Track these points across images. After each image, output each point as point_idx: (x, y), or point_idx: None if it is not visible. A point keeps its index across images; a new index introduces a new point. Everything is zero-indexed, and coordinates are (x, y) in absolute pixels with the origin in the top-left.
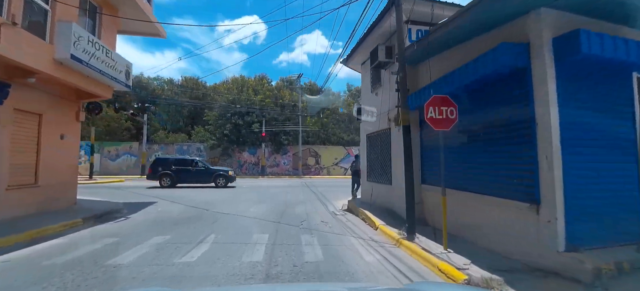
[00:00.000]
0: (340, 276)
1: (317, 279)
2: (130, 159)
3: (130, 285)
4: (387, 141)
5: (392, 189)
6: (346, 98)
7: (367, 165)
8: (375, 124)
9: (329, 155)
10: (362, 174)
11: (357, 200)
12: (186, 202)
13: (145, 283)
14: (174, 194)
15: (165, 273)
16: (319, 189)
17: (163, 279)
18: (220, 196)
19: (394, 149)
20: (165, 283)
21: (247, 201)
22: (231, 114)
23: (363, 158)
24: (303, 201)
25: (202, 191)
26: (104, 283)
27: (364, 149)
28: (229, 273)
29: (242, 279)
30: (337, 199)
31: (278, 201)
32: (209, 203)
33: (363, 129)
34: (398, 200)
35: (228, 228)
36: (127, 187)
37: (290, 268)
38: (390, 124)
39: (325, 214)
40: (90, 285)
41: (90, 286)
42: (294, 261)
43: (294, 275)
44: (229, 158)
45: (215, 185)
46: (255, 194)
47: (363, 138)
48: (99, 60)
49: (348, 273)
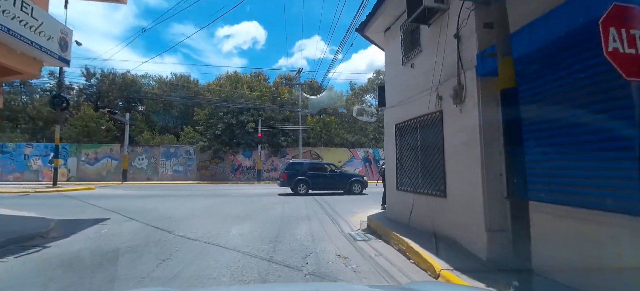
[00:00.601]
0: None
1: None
2: (110, 163)
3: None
4: (437, 131)
5: (447, 205)
6: (349, 97)
7: (397, 168)
8: (411, 108)
9: (332, 158)
10: (387, 180)
11: (379, 216)
12: (148, 217)
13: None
14: (142, 206)
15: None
16: (324, 199)
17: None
18: (198, 207)
19: (452, 142)
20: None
21: (231, 215)
22: (224, 112)
23: (389, 158)
24: (306, 217)
25: (179, 202)
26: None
27: (392, 146)
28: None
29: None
30: (350, 213)
31: (272, 216)
32: (179, 219)
33: (389, 119)
34: (462, 222)
35: (182, 272)
36: (93, 196)
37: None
38: (443, 104)
39: (340, 240)
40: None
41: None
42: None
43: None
44: (221, 161)
45: (349, 192)
46: (243, 206)
47: (389, 131)
48: (10, 16)
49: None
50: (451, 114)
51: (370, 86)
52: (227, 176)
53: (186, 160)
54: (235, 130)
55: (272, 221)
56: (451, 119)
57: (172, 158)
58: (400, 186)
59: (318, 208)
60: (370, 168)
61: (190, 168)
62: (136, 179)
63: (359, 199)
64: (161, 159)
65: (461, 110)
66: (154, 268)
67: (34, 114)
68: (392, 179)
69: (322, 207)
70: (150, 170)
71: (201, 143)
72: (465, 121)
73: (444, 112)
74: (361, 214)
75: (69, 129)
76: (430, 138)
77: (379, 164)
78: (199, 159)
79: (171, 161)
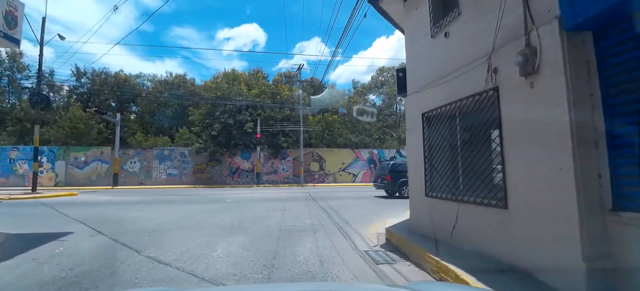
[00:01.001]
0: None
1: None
2: (101, 167)
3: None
4: (490, 115)
5: (509, 219)
6: (352, 96)
7: (425, 168)
8: (447, 89)
9: (335, 159)
10: (411, 184)
11: (401, 228)
12: (121, 230)
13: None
14: (122, 215)
15: None
16: (329, 204)
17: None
18: (185, 216)
19: (516, 129)
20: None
21: (221, 227)
22: (220, 112)
23: (413, 156)
24: (310, 227)
25: (166, 209)
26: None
27: (418, 140)
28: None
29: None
30: (362, 221)
31: (269, 228)
32: (157, 232)
33: (413, 107)
34: (537, 245)
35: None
36: (72, 204)
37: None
38: (500, 78)
39: (356, 262)
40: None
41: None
42: None
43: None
44: (218, 164)
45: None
46: (236, 214)
47: (414, 122)
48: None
49: None
50: (514, 90)
51: (373, 84)
52: (224, 179)
53: (181, 163)
54: (232, 130)
55: (268, 235)
56: (515, 97)
57: (166, 161)
58: (431, 192)
59: (323, 215)
60: (375, 170)
61: (185, 171)
62: (128, 184)
63: (370, 204)
64: (154, 162)
65: (533, 83)
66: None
67: (22, 116)
68: (418, 183)
69: (327, 214)
70: (142, 174)
71: (196, 145)
72: (540, 98)
73: (501, 89)
74: (377, 224)
75: (57, 131)
76: (478, 127)
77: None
78: (195, 162)
79: (165, 164)
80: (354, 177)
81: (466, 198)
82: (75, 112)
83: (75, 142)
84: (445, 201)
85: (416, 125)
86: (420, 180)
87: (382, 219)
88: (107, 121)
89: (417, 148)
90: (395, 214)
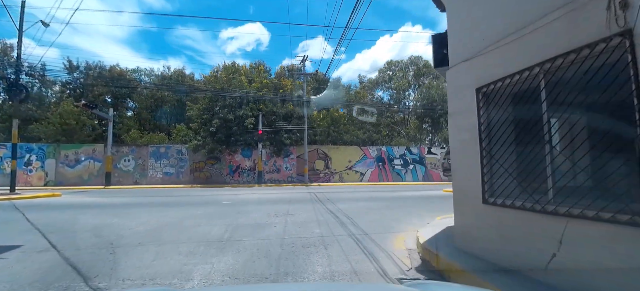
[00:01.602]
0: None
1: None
2: (93, 165)
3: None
4: (617, 79)
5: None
6: (358, 91)
7: (482, 163)
8: (521, 49)
9: (341, 157)
10: (457, 185)
11: (442, 243)
12: (82, 243)
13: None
14: (96, 222)
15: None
16: (339, 207)
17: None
18: (168, 223)
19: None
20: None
21: (207, 239)
22: (219, 107)
23: (460, 148)
24: (320, 240)
25: (149, 214)
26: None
27: (471, 122)
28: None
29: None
30: (383, 231)
31: (268, 241)
32: (126, 246)
33: (463, 81)
34: None
35: None
36: (47, 206)
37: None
38: (632, 18)
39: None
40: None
41: None
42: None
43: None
44: (218, 162)
45: None
46: (230, 221)
47: (464, 101)
48: None
49: None
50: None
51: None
52: (224, 178)
53: (178, 161)
54: (232, 126)
55: (266, 253)
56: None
57: (162, 159)
58: (494, 197)
59: (334, 222)
60: (384, 168)
61: (182, 170)
62: (122, 183)
63: (385, 207)
64: (150, 161)
65: None
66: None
67: (12, 112)
68: (471, 184)
69: (339, 221)
70: (137, 173)
71: (194, 142)
72: None
73: (637, 34)
74: (403, 235)
75: (46, 127)
76: (588, 100)
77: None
78: (192, 160)
79: (161, 162)
80: (361, 176)
81: (578, 211)
82: (66, 107)
83: (66, 140)
84: (525, 212)
85: (466, 105)
86: (474, 180)
87: (406, 227)
88: (99, 116)
89: (466, 137)
90: (420, 220)
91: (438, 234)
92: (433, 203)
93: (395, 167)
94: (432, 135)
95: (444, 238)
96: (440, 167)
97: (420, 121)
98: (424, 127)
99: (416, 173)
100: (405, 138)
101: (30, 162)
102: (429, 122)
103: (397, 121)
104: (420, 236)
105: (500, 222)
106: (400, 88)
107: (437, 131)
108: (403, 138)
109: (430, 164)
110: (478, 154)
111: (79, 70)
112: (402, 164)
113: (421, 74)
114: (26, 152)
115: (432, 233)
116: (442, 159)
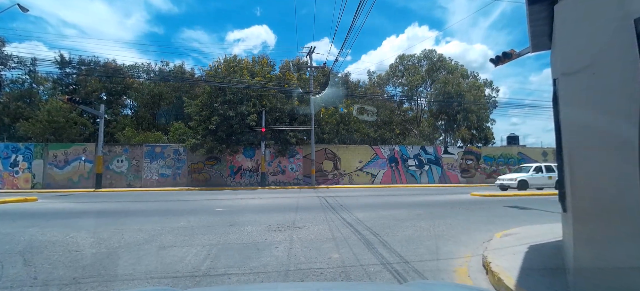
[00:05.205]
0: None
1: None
2: (84, 166)
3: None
4: None
5: None
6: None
7: None
8: None
9: (351, 157)
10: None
11: (547, 280)
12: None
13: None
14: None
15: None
16: (356, 216)
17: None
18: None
19: None
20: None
21: (181, 272)
22: (219, 102)
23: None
24: (342, 273)
25: (124, 227)
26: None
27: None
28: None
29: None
30: (430, 257)
31: (263, 275)
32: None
33: (594, 6)
34: None
35: None
36: (15, 214)
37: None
38: None
39: None
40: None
41: None
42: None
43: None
44: (218, 162)
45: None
46: (215, 238)
47: (596, 44)
48: None
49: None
50: None
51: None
52: (224, 180)
53: (175, 162)
54: (233, 124)
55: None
56: None
57: (157, 159)
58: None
59: (357, 241)
60: (397, 169)
61: (179, 171)
62: (114, 186)
63: (415, 217)
64: (144, 161)
65: None
66: None
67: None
68: (605, 185)
69: (362, 238)
70: (131, 174)
71: (192, 141)
72: None
73: None
74: (463, 263)
75: (34, 125)
76: None
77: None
78: (191, 161)
79: (157, 163)
80: (372, 178)
81: None
82: (54, 104)
83: (55, 139)
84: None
85: (605, 55)
86: (614, 180)
87: (458, 250)
88: (91, 114)
89: (604, 110)
90: (470, 236)
91: (526, 258)
92: (471, 212)
93: (410, 168)
94: (445, 134)
95: (540, 263)
96: (457, 167)
97: (435, 118)
98: (438, 125)
99: (432, 175)
100: (418, 137)
101: (17, 163)
102: (444, 120)
103: (409, 119)
104: (502, 272)
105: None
106: (413, 84)
107: (453, 129)
108: (415, 137)
109: (447, 164)
110: (637, 138)
111: (71, 65)
112: (416, 164)
113: (435, 69)
114: (12, 152)
115: (517, 264)
116: (459, 160)
